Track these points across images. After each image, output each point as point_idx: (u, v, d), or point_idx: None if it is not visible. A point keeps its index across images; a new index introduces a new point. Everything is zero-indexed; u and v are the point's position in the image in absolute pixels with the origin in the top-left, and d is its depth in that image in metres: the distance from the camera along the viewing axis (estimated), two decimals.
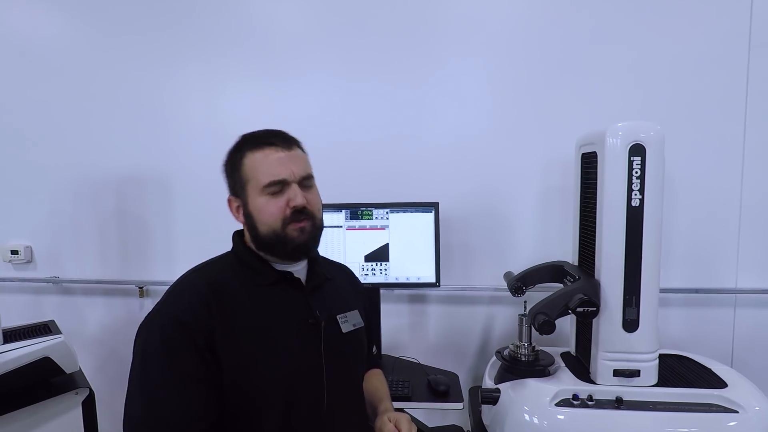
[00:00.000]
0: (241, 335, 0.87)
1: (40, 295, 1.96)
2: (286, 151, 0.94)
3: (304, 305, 0.95)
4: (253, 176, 0.92)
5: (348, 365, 1.00)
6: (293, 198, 0.91)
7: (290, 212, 0.91)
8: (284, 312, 0.93)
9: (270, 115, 1.76)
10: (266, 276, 0.95)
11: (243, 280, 0.93)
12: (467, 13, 1.66)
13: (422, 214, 1.52)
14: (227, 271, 0.94)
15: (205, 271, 0.95)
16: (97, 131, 1.86)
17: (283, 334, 0.91)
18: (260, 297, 0.93)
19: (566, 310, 1.16)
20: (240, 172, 0.93)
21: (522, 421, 1.14)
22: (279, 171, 0.91)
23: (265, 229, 0.91)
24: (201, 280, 0.92)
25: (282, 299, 0.94)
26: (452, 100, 1.69)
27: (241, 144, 0.96)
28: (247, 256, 0.96)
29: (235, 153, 0.96)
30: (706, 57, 1.58)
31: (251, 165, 0.92)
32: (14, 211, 1.91)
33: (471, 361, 1.77)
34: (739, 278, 1.63)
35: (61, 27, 1.85)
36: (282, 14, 1.75)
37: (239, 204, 0.96)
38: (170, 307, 0.88)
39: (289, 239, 0.91)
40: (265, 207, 0.91)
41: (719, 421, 1.09)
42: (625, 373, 1.18)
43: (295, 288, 0.97)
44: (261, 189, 0.91)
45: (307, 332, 0.93)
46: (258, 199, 0.91)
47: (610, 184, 1.16)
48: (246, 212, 0.94)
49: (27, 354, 1.41)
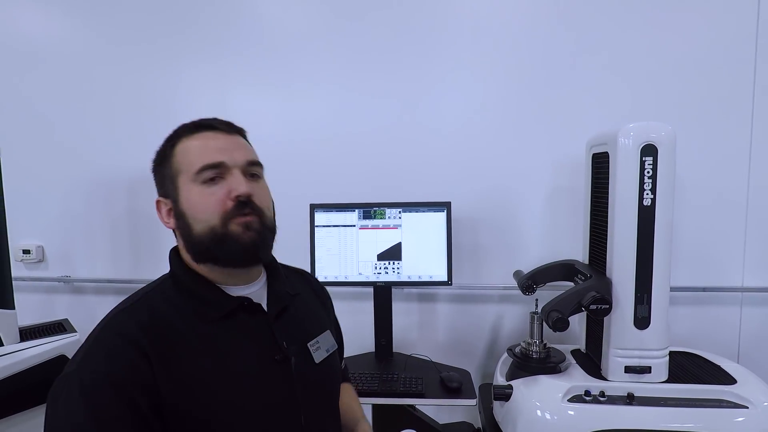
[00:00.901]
0: (192, 389, 0.68)
1: (52, 294, 1.97)
2: (227, 135, 0.78)
3: (268, 338, 0.77)
4: (185, 165, 0.74)
5: (325, 397, 0.87)
6: (235, 187, 0.73)
7: (232, 205, 0.72)
8: (245, 351, 0.75)
9: (280, 115, 1.78)
10: (217, 307, 0.75)
11: (187, 314, 0.73)
12: (477, 12, 1.68)
13: (434, 214, 1.54)
14: (165, 305, 0.73)
15: (136, 310, 0.72)
16: (108, 132, 1.87)
17: (246, 380, 0.73)
18: (212, 335, 0.73)
19: (579, 307, 1.18)
20: (169, 165, 0.76)
21: (534, 417, 1.16)
22: (216, 155, 0.74)
23: (201, 228, 0.73)
24: (130, 323, 0.69)
25: (240, 334, 0.75)
26: (462, 101, 1.71)
27: (173, 134, 0.79)
28: (190, 282, 0.76)
29: (165, 144, 0.79)
30: (712, 58, 1.60)
31: (183, 153, 0.75)
32: (26, 211, 1.92)
33: (481, 359, 1.79)
34: (746, 277, 1.65)
35: (72, 30, 1.86)
36: (290, 16, 1.76)
37: (170, 206, 0.77)
38: (94, 365, 0.65)
39: (233, 238, 0.72)
40: (199, 200, 0.73)
41: (729, 416, 1.11)
42: (637, 370, 1.20)
43: (256, 317, 0.78)
44: (193, 177, 0.73)
45: (275, 371, 0.76)
46: (191, 191, 0.73)
47: (621, 184, 1.17)
48: (177, 212, 0.75)
49: (43, 352, 1.43)
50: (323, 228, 1.57)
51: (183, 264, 0.78)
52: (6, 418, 1.36)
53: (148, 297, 0.75)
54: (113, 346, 0.67)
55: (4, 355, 1.37)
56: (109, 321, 0.71)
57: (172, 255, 0.81)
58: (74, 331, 1.56)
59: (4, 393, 1.34)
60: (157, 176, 0.80)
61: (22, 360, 1.38)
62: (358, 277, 1.56)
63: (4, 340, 1.42)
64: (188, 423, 0.68)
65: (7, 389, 1.34)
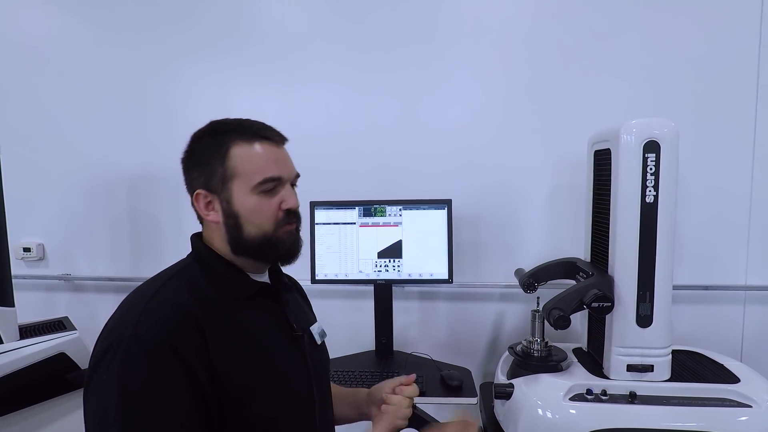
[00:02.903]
0: (236, 359, 0.74)
1: (52, 292, 1.97)
2: (282, 148, 0.85)
3: (283, 319, 0.87)
4: (244, 171, 0.79)
5: (325, 375, 0.96)
6: (287, 199, 0.82)
7: (282, 215, 0.82)
8: (271, 328, 0.84)
9: (281, 113, 1.77)
10: (246, 288, 0.83)
11: (219, 293, 0.79)
12: (477, 10, 1.67)
13: (435, 211, 1.53)
14: (200, 282, 0.79)
15: (177, 285, 0.76)
16: (109, 130, 1.87)
17: (277, 352, 0.82)
18: (244, 313, 0.81)
19: (581, 305, 1.17)
20: (223, 164, 0.80)
21: (536, 415, 1.15)
22: (276, 169, 0.81)
23: (255, 231, 0.80)
24: (181, 293, 0.74)
25: (264, 314, 0.84)
26: (463, 98, 1.70)
27: (223, 131, 0.82)
28: (221, 267, 0.82)
29: (213, 140, 0.82)
30: (716, 55, 1.59)
31: (242, 158, 0.80)
32: (27, 209, 1.92)
33: (481, 357, 1.78)
34: (749, 275, 1.64)
35: (72, 29, 1.85)
36: (292, 15, 1.76)
37: (214, 200, 0.81)
38: (154, 330, 0.68)
39: (281, 242, 0.82)
40: (257, 207, 0.80)
41: (732, 415, 1.10)
42: (639, 368, 1.19)
43: (272, 301, 0.87)
44: (253, 186, 0.79)
45: (293, 347, 0.86)
46: (248, 197, 0.80)
47: (624, 180, 1.16)
48: (229, 211, 0.81)
49: (43, 350, 1.43)
50: (323, 225, 1.56)
51: (212, 251, 0.84)
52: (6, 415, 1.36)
53: (180, 275, 0.79)
54: (169, 313, 0.71)
55: (4, 352, 1.37)
56: (159, 291, 0.74)
57: (198, 242, 0.86)
58: (74, 329, 1.56)
59: (4, 390, 1.34)
60: (201, 169, 0.82)
61: (21, 358, 1.38)
62: (359, 275, 1.56)
63: (4, 338, 1.41)
64: (233, 392, 0.72)
65: (7, 387, 1.34)
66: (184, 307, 0.72)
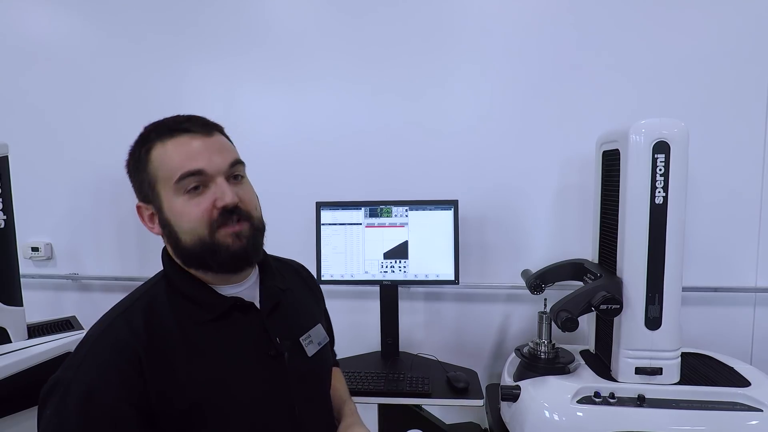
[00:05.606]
0: (185, 389, 0.70)
1: (60, 292, 1.98)
2: (205, 137, 0.75)
3: (261, 334, 0.79)
4: (163, 172, 0.72)
5: (318, 388, 0.89)
6: (220, 196, 0.72)
7: (218, 214, 0.72)
8: (239, 349, 0.76)
9: (287, 114, 1.77)
10: (210, 309, 0.76)
11: (181, 316, 0.74)
12: (484, 11, 1.66)
13: (441, 212, 1.53)
14: (160, 307, 0.74)
15: (132, 313, 0.73)
16: (116, 130, 1.87)
17: (239, 376, 0.74)
18: (206, 336, 0.74)
19: (589, 307, 1.16)
20: (146, 170, 0.74)
21: (543, 418, 1.14)
22: (194, 162, 0.72)
23: (189, 238, 0.72)
24: (124, 331, 0.71)
25: (234, 333, 0.76)
26: (469, 99, 1.69)
27: (146, 134, 0.76)
28: (183, 284, 0.76)
29: (138, 147, 0.76)
30: (726, 54, 1.57)
31: (159, 159, 0.73)
32: (34, 209, 1.93)
33: (488, 359, 1.77)
34: (759, 277, 1.62)
35: (79, 29, 1.86)
36: (297, 15, 1.76)
37: (152, 211, 0.76)
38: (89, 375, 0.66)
39: (222, 247, 0.72)
40: (183, 210, 0.72)
41: (743, 419, 1.09)
42: (648, 371, 1.18)
43: (249, 315, 0.79)
44: (174, 186, 0.72)
45: (268, 366, 0.78)
46: (174, 200, 0.72)
47: (633, 181, 1.15)
48: (162, 220, 0.74)
49: (51, 349, 1.43)
50: (329, 226, 1.56)
51: (175, 265, 0.78)
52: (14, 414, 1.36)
53: (143, 298, 0.76)
54: (107, 358, 0.68)
55: (12, 351, 1.37)
56: (106, 329, 0.72)
57: (164, 256, 0.80)
58: (82, 329, 1.57)
59: (12, 389, 1.34)
60: (134, 181, 0.78)
61: (29, 357, 1.38)
62: (365, 276, 1.55)
63: (12, 337, 1.42)
64: (183, 422, 0.69)
65: (14, 386, 1.34)
66: (127, 350, 0.68)
